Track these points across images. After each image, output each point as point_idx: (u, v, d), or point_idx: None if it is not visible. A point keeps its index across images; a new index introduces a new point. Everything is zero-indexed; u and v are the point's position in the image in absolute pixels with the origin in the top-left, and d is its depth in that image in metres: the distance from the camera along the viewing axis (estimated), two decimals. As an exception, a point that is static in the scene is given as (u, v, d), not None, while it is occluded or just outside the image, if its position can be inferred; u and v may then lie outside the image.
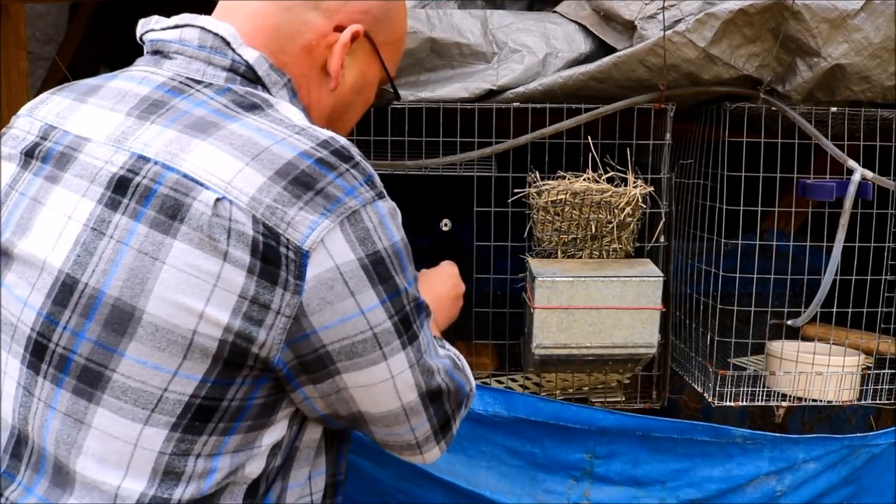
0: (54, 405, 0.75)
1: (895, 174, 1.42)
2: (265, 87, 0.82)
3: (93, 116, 0.80)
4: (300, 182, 0.70)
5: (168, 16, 0.88)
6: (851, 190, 1.32)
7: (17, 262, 0.77)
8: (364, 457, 1.43)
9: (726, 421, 2.06)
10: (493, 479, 1.46)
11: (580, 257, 1.41)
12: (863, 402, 1.49)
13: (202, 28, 0.82)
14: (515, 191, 1.40)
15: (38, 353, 0.75)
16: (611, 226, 1.38)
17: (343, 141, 0.76)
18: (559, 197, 1.36)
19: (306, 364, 0.75)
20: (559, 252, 1.42)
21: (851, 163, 1.34)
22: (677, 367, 1.56)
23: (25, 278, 0.76)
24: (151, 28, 0.86)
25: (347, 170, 0.73)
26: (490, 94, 1.42)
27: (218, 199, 0.69)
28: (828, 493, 1.47)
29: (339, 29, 0.86)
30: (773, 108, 1.40)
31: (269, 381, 0.75)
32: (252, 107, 0.77)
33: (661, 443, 1.44)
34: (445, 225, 1.78)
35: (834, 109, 1.41)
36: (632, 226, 1.39)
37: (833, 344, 1.51)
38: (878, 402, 1.48)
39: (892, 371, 1.47)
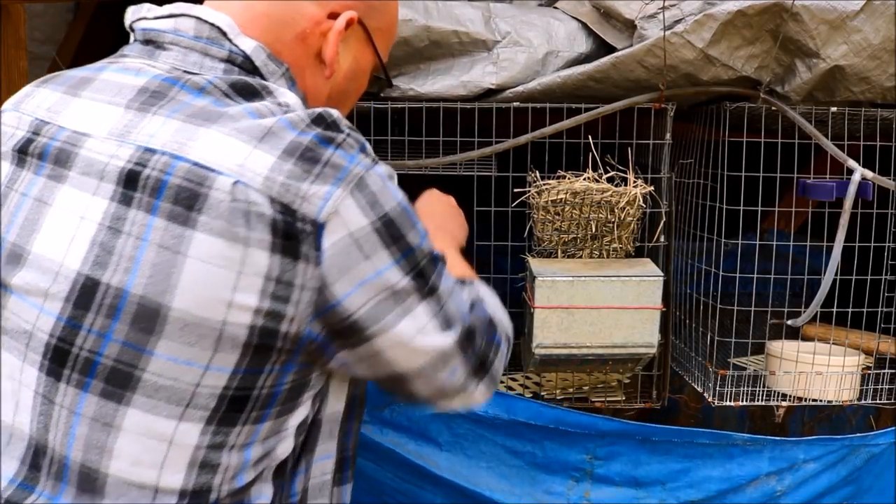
0: (79, 411, 0.73)
1: (895, 174, 1.42)
2: (263, 78, 0.81)
3: (89, 110, 0.78)
4: (307, 157, 0.71)
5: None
6: (851, 190, 1.32)
7: (29, 267, 0.75)
8: (364, 457, 1.43)
9: (726, 420, 2.06)
10: (493, 479, 1.46)
11: (580, 257, 1.41)
12: (863, 402, 1.49)
13: (198, 18, 0.81)
14: (515, 190, 1.40)
15: (59, 359, 0.73)
16: (611, 225, 1.38)
17: (335, 113, 0.76)
18: (559, 196, 1.36)
19: (339, 332, 0.76)
20: (559, 252, 1.42)
21: (851, 163, 1.34)
22: (677, 367, 1.56)
23: (38, 283, 0.74)
24: (143, 16, 0.84)
25: (344, 139, 0.74)
26: (490, 94, 1.42)
27: (234, 184, 0.70)
28: (828, 493, 1.47)
29: (333, 16, 0.85)
30: (773, 108, 1.40)
31: (296, 367, 0.77)
32: (252, 94, 0.76)
33: (661, 444, 1.44)
34: (445, 225, 1.78)
35: (834, 109, 1.41)
36: (632, 225, 1.40)
37: (833, 344, 1.51)
38: (878, 402, 1.48)
39: (892, 371, 1.47)
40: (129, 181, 0.71)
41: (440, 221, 1.11)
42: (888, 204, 1.47)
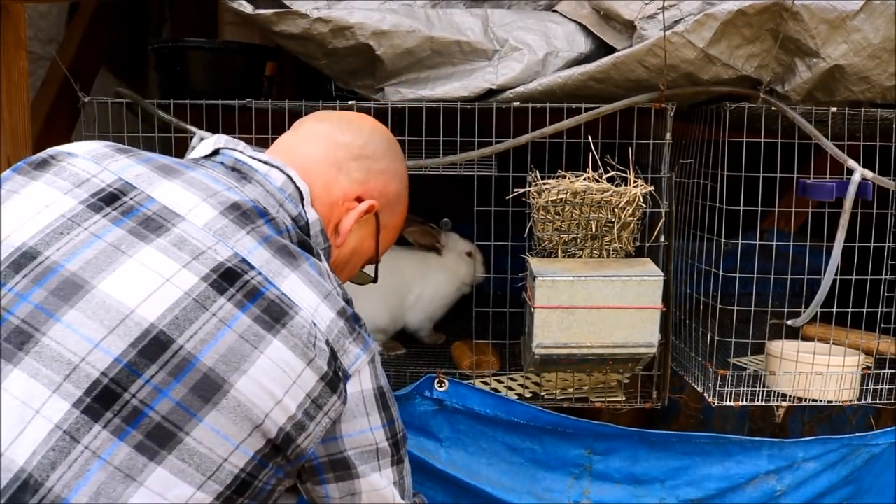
0: (105, 457, 0.76)
1: (895, 174, 1.42)
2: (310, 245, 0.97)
3: (184, 198, 0.90)
4: (349, 323, 0.92)
5: (165, 16, 0.88)
6: (851, 190, 1.32)
7: (91, 300, 0.79)
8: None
9: (726, 420, 2.06)
10: (494, 475, 1.46)
11: (580, 257, 1.41)
12: (863, 402, 1.49)
13: (289, 177, 0.99)
14: (516, 190, 1.40)
15: (105, 399, 0.76)
16: (611, 225, 1.38)
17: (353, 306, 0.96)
18: (559, 196, 1.36)
19: (334, 462, 0.94)
20: (559, 251, 1.42)
21: (851, 163, 1.34)
22: (677, 367, 1.57)
23: (100, 319, 0.79)
24: (240, 150, 1.01)
25: (364, 325, 0.95)
26: (490, 94, 1.42)
27: (312, 322, 0.87)
28: (828, 493, 1.47)
29: (360, 199, 1.06)
30: (773, 108, 1.40)
31: (283, 474, 0.90)
32: (310, 252, 0.95)
33: (659, 441, 1.44)
34: (446, 224, 1.79)
35: (834, 109, 1.41)
36: (632, 225, 1.40)
37: (833, 344, 1.51)
38: (878, 402, 1.48)
39: (892, 371, 1.47)
40: (227, 276, 0.85)
41: None
42: (888, 204, 1.47)
